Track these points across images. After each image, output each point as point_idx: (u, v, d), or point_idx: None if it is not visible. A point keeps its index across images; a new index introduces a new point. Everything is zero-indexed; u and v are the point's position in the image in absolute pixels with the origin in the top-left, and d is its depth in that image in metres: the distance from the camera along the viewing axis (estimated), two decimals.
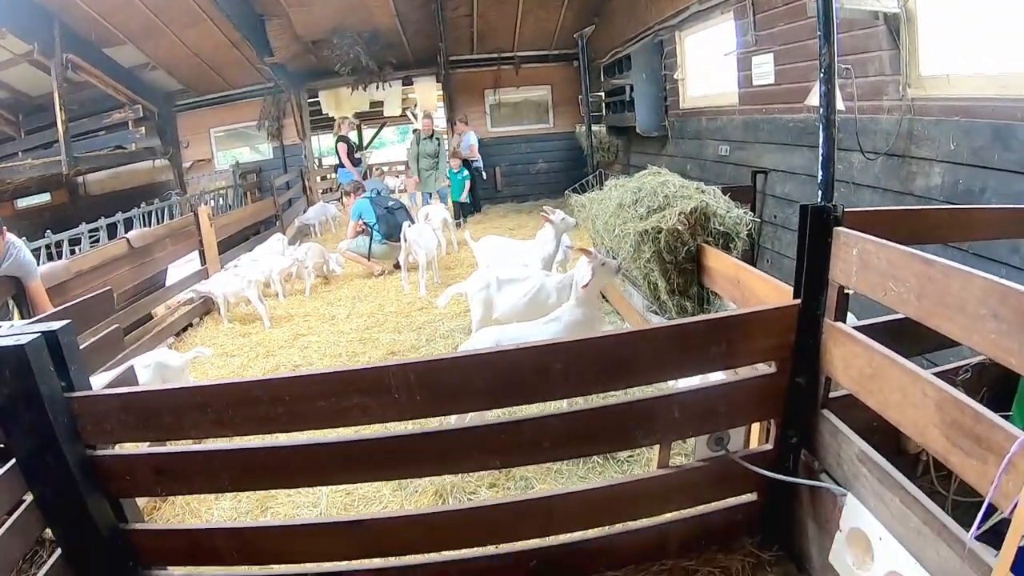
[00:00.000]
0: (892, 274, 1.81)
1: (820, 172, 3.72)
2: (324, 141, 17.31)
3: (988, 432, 1.49)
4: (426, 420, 2.82)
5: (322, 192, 13.57)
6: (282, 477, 2.24)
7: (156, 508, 3.30)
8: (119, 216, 7.37)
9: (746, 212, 3.89)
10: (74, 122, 10.68)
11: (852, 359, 2.02)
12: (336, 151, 10.82)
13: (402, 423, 2.22)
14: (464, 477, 3.18)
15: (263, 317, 6.24)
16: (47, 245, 5.65)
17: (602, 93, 10.86)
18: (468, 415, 2.90)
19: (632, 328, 3.48)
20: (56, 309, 2.84)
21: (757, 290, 2.98)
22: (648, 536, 2.48)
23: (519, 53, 12.59)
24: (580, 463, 3.29)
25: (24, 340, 1.93)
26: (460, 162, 10.00)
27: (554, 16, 11.58)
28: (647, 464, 3.21)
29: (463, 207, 10.35)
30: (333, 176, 13.85)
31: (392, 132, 28.63)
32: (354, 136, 14.72)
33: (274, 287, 7.20)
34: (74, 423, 2.08)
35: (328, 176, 14.51)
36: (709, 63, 7.53)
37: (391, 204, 8.19)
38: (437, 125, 11.25)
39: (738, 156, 6.74)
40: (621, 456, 3.33)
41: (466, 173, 10.13)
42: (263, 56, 11.14)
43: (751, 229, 3.89)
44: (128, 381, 3.04)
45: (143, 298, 6.13)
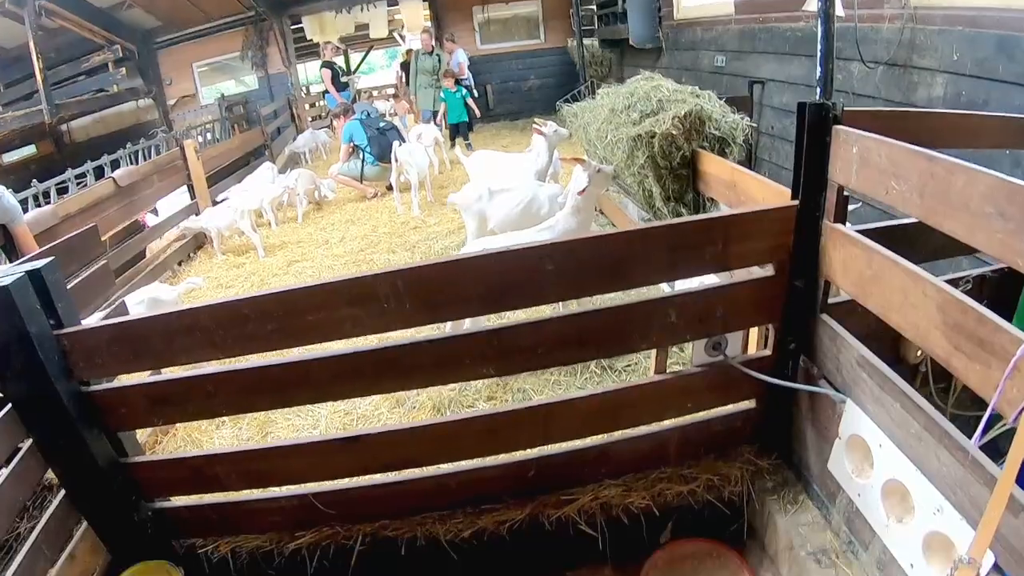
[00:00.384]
0: (893, 172, 1.73)
1: (818, 68, 3.56)
2: (311, 68, 16.87)
3: (992, 335, 1.44)
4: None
5: (311, 120, 13.35)
6: (277, 396, 2.20)
7: (158, 442, 3.32)
8: (105, 159, 7.23)
9: (743, 117, 3.77)
10: (52, 70, 10.37)
11: (852, 261, 1.95)
12: (321, 77, 10.58)
13: (395, 333, 2.17)
14: (462, 391, 3.19)
15: (257, 246, 6.21)
16: (34, 195, 5.57)
17: (594, 6, 10.60)
18: (465, 323, 2.86)
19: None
20: (40, 249, 2.77)
21: (754, 193, 2.90)
22: (646, 444, 2.48)
23: None
24: (578, 374, 3.29)
25: (8, 280, 1.89)
26: (454, 81, 9.69)
27: None
28: (645, 374, 3.20)
29: (459, 127, 10.07)
30: (322, 103, 13.62)
31: (380, 56, 28.04)
32: (341, 61, 14.36)
33: (266, 216, 7.14)
34: (65, 360, 2.05)
35: (317, 103, 14.24)
36: None
37: (382, 125, 8.02)
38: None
39: (735, 67, 6.63)
40: (618, 366, 3.33)
41: (464, 92, 9.81)
42: None
43: (748, 135, 3.79)
44: None
45: (134, 237, 6.09)
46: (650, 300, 2.21)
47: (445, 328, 3.00)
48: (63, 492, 2.27)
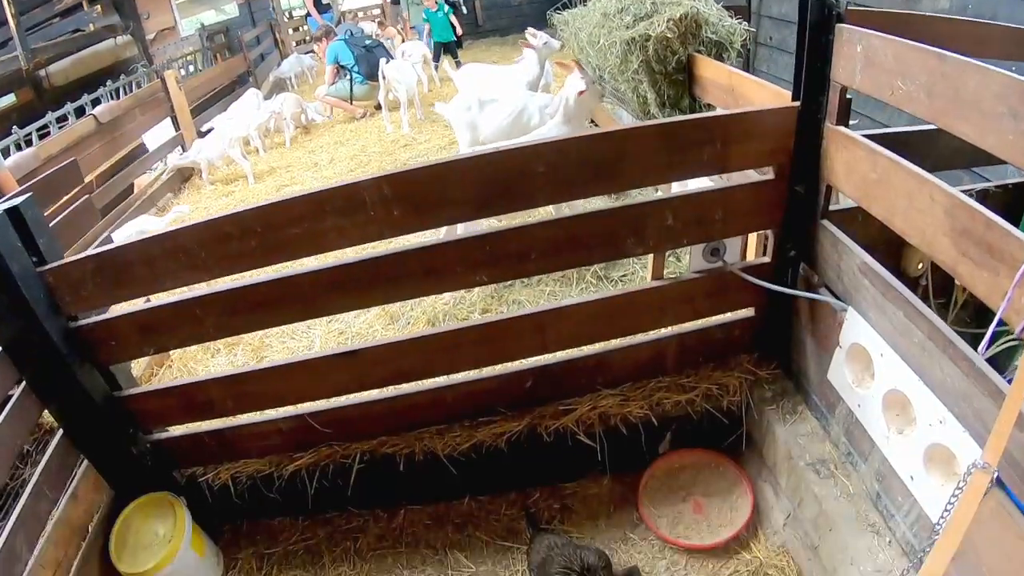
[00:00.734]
0: (900, 71, 1.63)
1: None
2: None
3: (1001, 241, 1.37)
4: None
5: (296, 44, 13.01)
6: (266, 314, 2.16)
7: (153, 375, 3.31)
8: (85, 98, 7.05)
9: (740, 22, 3.59)
10: (25, 15, 9.89)
11: (855, 164, 1.87)
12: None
13: (383, 243, 2.11)
14: (456, 305, 3.16)
15: (247, 174, 6.13)
16: (16, 142, 5.45)
17: None
18: (459, 228, 2.79)
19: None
20: (19, 188, 2.68)
21: (753, 97, 2.78)
22: (645, 352, 2.45)
23: None
24: (573, 285, 3.25)
25: None
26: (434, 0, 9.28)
27: None
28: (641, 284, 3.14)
29: (447, 47, 9.71)
30: (306, 27, 13.20)
31: None
32: None
33: (253, 143, 7.02)
34: (51, 296, 2.03)
35: (300, 28, 13.77)
36: None
37: (368, 43, 7.79)
38: None
39: None
40: (615, 275, 3.28)
41: (447, 9, 9.42)
42: None
43: (745, 40, 3.62)
44: None
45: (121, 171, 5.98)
46: (646, 202, 2.12)
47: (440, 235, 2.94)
48: (61, 432, 2.27)
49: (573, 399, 2.48)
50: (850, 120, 2.04)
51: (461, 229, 2.80)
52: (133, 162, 6.28)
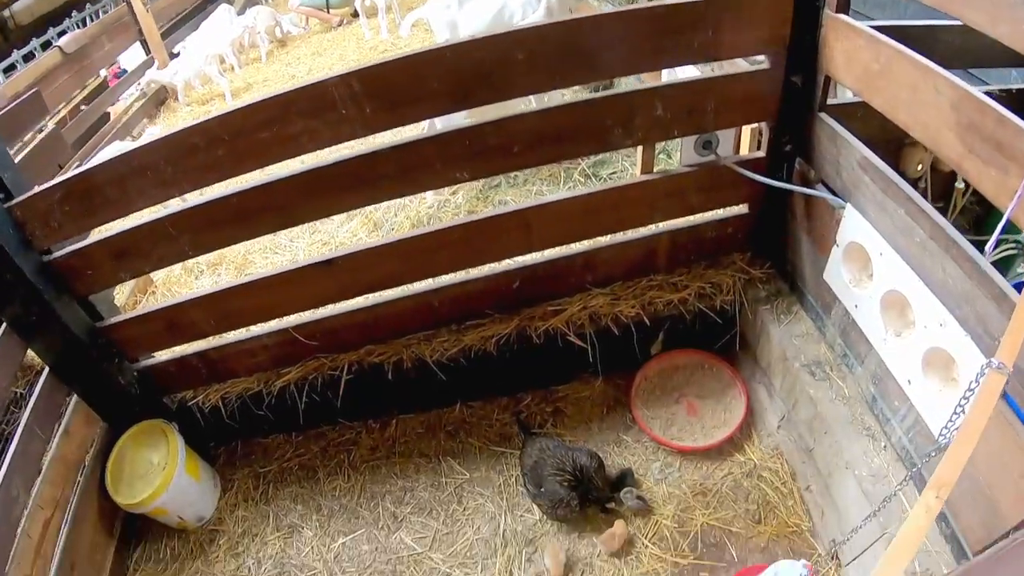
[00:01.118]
0: None
1: None
2: None
3: (1013, 139, 1.29)
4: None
5: None
6: (241, 226, 2.08)
7: (137, 303, 3.26)
8: (51, 32, 6.80)
9: None
10: None
11: (856, 53, 1.75)
12: None
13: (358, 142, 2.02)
14: (441, 208, 3.09)
15: (225, 91, 6.02)
16: None
17: None
18: (437, 124, 2.66)
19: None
20: None
21: None
22: (635, 250, 2.39)
23: None
24: (561, 183, 3.17)
25: None
26: None
27: None
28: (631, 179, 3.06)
29: None
30: None
31: None
32: None
33: (228, 60, 6.80)
34: (22, 231, 1.97)
35: None
36: None
37: None
38: None
39: None
40: (603, 174, 3.21)
41: None
42: None
43: None
44: None
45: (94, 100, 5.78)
46: (634, 91, 2.01)
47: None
48: (47, 369, 2.24)
49: (563, 300, 2.44)
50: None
51: (440, 124, 2.68)
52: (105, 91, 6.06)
